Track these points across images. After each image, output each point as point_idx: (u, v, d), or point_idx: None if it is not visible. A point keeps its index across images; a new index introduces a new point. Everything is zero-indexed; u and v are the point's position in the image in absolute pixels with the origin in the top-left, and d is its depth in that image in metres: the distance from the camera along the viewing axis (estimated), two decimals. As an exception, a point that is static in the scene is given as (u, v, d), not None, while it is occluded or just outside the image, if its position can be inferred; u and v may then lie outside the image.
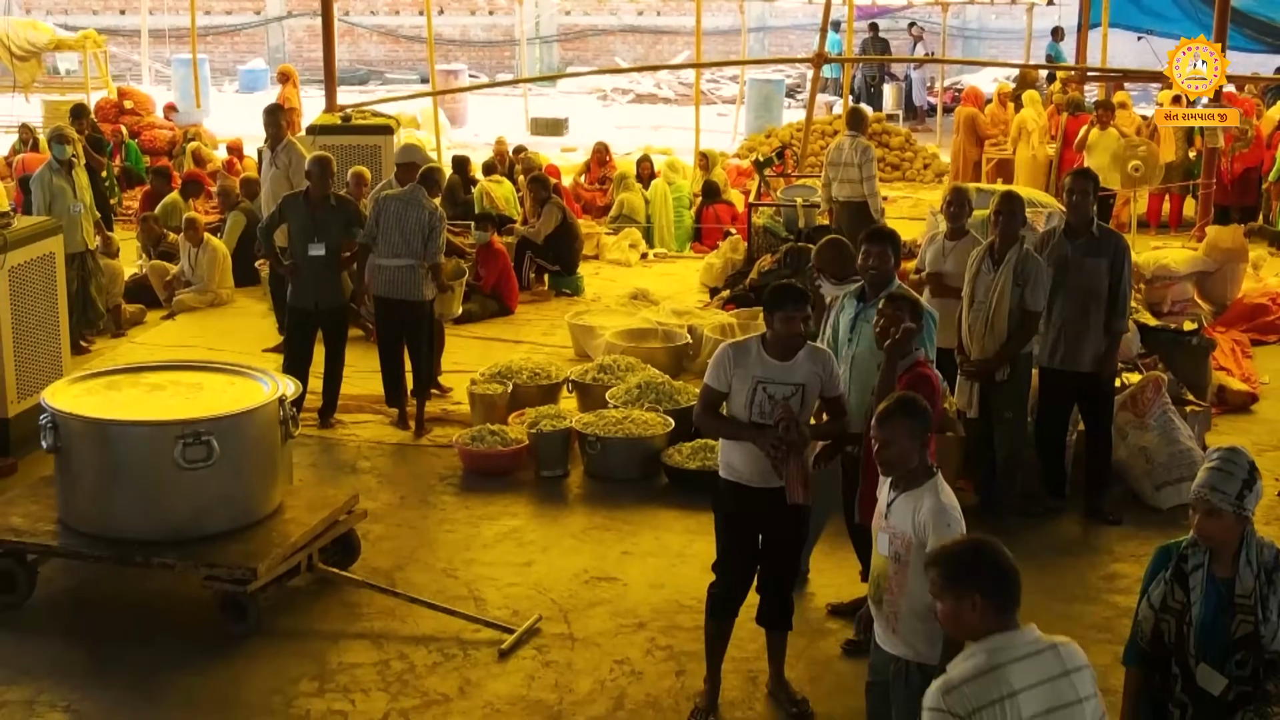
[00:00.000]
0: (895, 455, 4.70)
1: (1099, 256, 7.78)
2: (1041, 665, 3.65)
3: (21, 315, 8.64)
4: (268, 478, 6.99)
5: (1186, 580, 4.39)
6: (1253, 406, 9.86)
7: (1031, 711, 3.57)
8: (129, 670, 6.37)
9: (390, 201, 9.12)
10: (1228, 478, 4.29)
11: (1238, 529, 4.32)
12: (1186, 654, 4.37)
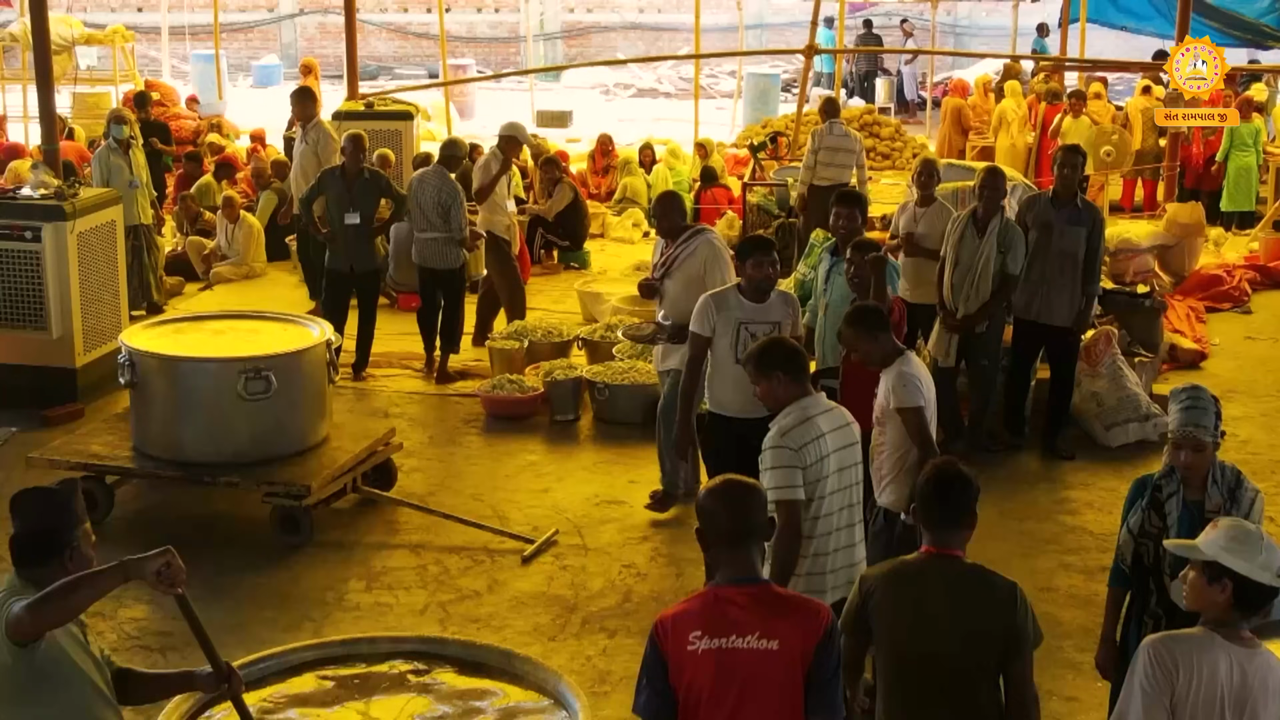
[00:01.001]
0: (863, 353, 5.78)
1: (1080, 225, 8.73)
2: (833, 417, 5.22)
3: (88, 277, 9.60)
4: (317, 410, 7.96)
5: (1162, 507, 4.85)
6: (1202, 364, 10.80)
7: (833, 446, 5.13)
8: (199, 573, 7.15)
9: (418, 180, 10.13)
10: (1203, 413, 4.76)
11: (1212, 454, 4.82)
12: (1163, 573, 4.80)
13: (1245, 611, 3.82)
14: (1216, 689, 3.71)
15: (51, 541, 3.83)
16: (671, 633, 3.64)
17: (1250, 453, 9.06)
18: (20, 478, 8.39)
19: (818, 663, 3.59)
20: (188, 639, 6.47)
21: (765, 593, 3.70)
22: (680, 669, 3.60)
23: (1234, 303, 12.36)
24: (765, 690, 3.57)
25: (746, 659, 3.57)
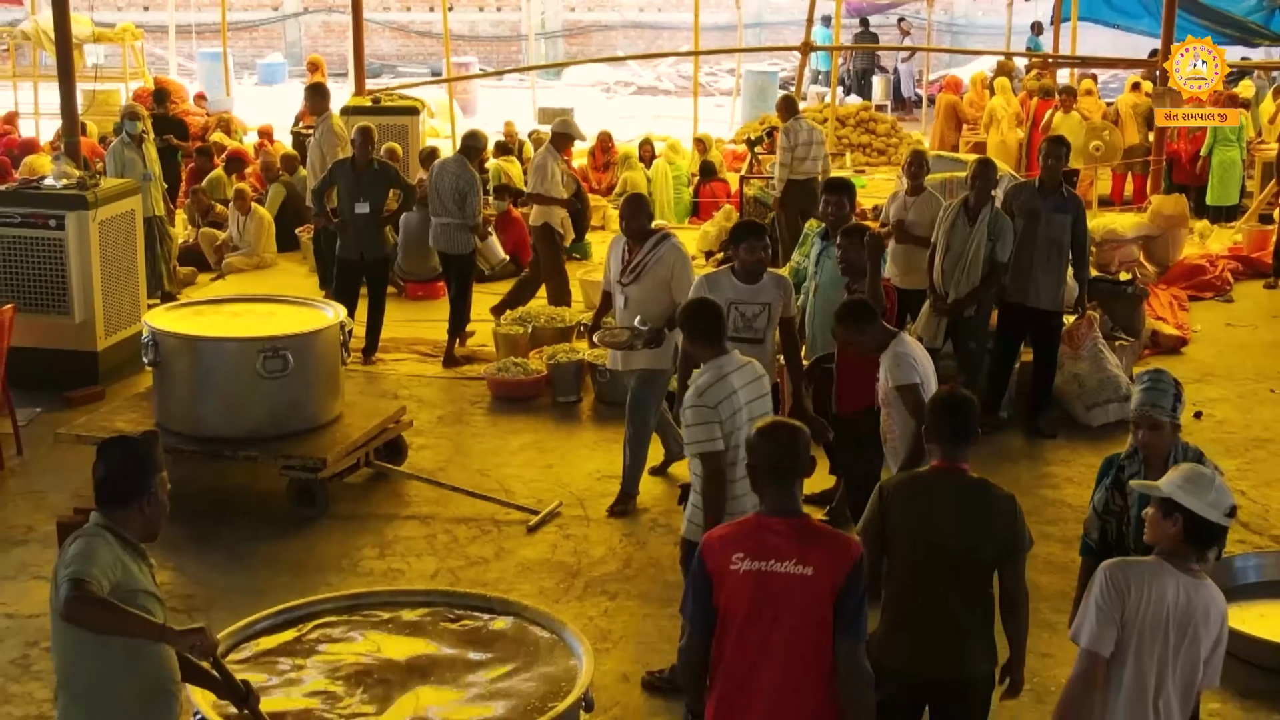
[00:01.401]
0: (858, 346, 6.17)
1: (1065, 213, 9.12)
2: (746, 373, 5.71)
3: (108, 263, 9.97)
4: (330, 389, 8.33)
5: (1124, 486, 5.07)
6: (1183, 349, 11.18)
7: (745, 399, 5.62)
8: (219, 542, 7.69)
9: (439, 167, 10.61)
10: (1162, 394, 5.04)
11: (1173, 437, 5.06)
12: (1126, 549, 4.99)
13: (1195, 546, 4.21)
14: (1164, 610, 4.11)
15: (132, 486, 4.21)
16: (718, 552, 4.06)
17: (1226, 432, 9.44)
18: (47, 453, 8.83)
19: (847, 589, 3.99)
20: (211, 600, 6.92)
21: (804, 524, 4.12)
22: (722, 585, 4.03)
23: (1216, 292, 12.73)
24: (798, 611, 4.00)
25: (784, 582, 4.00)
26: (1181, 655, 4.14)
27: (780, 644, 4.00)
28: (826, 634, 4.00)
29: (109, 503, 4.21)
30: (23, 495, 8.32)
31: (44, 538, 7.65)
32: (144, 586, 4.17)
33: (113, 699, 4.13)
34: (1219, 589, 4.31)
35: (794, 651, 4.00)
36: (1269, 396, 10.15)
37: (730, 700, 4.09)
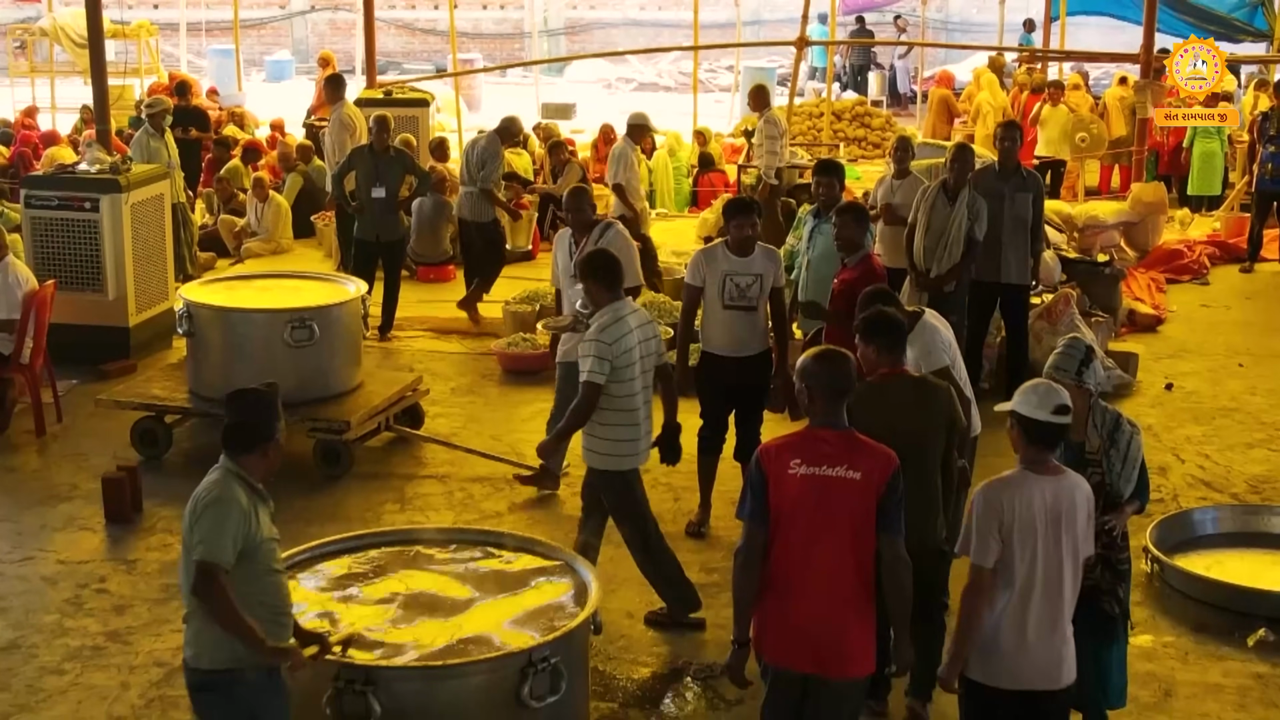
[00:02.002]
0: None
1: (1026, 191, 9.69)
2: (639, 316, 6.55)
3: (139, 244, 10.54)
4: (352, 358, 8.91)
5: None
6: (1159, 327, 11.75)
7: (639, 339, 6.41)
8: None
9: (471, 143, 11.68)
10: (1068, 359, 5.37)
11: (1082, 399, 5.31)
12: None
13: (1041, 446, 4.80)
14: (1033, 513, 4.72)
15: (258, 432, 4.70)
16: (775, 458, 4.70)
17: (1195, 402, 10.02)
18: (85, 420, 9.41)
19: (889, 490, 4.63)
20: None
21: (851, 437, 4.75)
22: (779, 487, 4.64)
23: (1193, 275, 13.31)
24: (847, 509, 4.63)
25: (835, 484, 4.62)
26: (1062, 542, 4.76)
27: (831, 538, 4.62)
28: (870, 529, 4.62)
29: (237, 449, 4.70)
30: (66, 457, 8.89)
31: (88, 494, 8.22)
32: (267, 534, 4.69)
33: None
34: (1079, 476, 4.95)
35: (842, 544, 4.62)
36: (1237, 370, 10.72)
37: (782, 587, 4.69)
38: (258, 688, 4.67)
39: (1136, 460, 5.45)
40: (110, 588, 7.17)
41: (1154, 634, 6.76)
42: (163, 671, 6.33)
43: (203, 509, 4.61)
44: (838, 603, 4.66)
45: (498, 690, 5.18)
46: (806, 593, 4.67)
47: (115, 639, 6.63)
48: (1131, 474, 5.43)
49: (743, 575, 4.75)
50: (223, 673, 4.63)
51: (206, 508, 4.60)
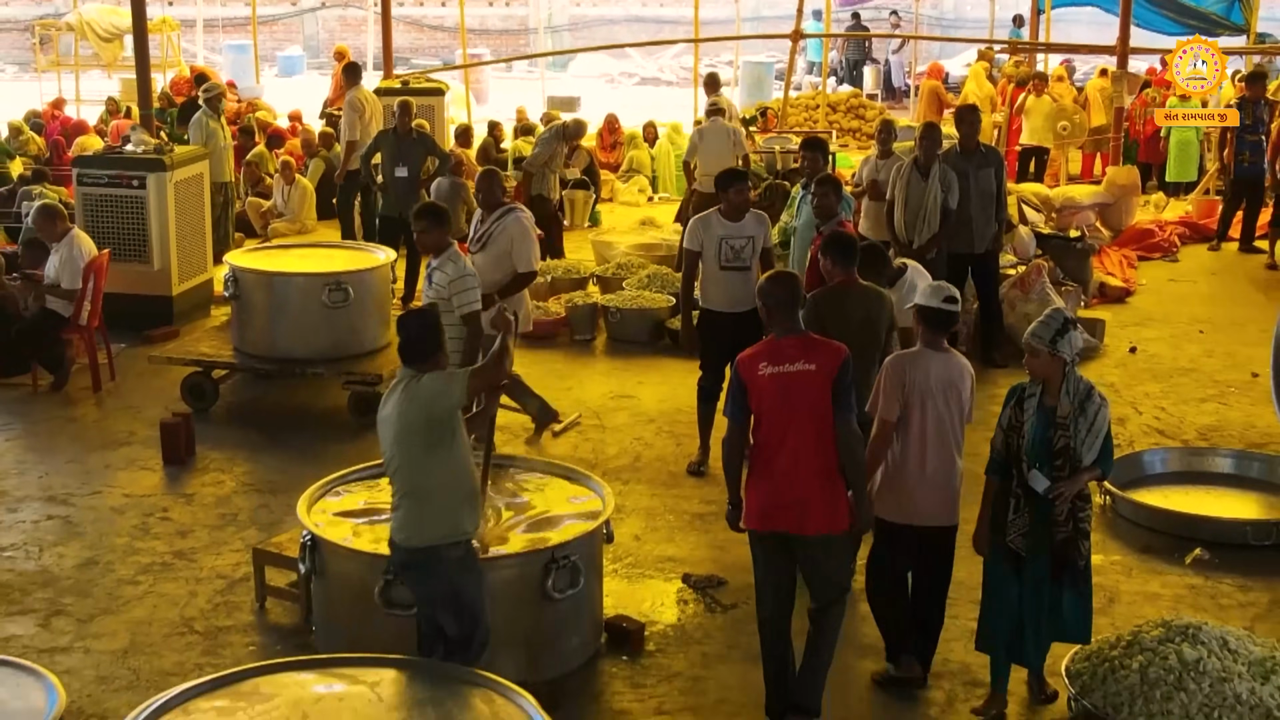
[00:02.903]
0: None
1: (989, 166, 10.53)
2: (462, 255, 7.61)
3: (182, 219, 11.38)
4: (382, 318, 9.77)
5: (1022, 407, 5.82)
6: (1128, 299, 12.60)
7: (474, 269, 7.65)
8: (293, 444, 9.09)
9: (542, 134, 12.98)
10: (1045, 327, 5.71)
11: (1056, 366, 5.67)
12: (1021, 461, 5.75)
13: (935, 329, 5.94)
14: (930, 380, 5.86)
15: (429, 345, 5.52)
16: (748, 364, 5.63)
17: (1156, 363, 10.86)
18: (136, 379, 10.26)
19: (839, 378, 5.53)
20: (289, 485, 8.25)
21: (807, 338, 5.68)
22: (753, 387, 5.58)
23: (1163, 252, 14.16)
24: (808, 396, 5.54)
25: (796, 377, 5.55)
26: (951, 405, 5.93)
27: (797, 421, 5.53)
28: (828, 410, 5.52)
29: (413, 361, 5.51)
30: (121, 409, 9.74)
31: (145, 440, 9.07)
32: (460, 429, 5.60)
33: (447, 499, 5.49)
34: (964, 359, 6.15)
35: (806, 425, 5.53)
36: (1198, 336, 11.57)
37: (763, 467, 5.60)
38: (457, 562, 5.52)
39: (1101, 430, 5.74)
40: (172, 516, 8.02)
41: (1103, 554, 7.58)
42: (225, 583, 7.18)
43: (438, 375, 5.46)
44: (807, 474, 5.55)
45: (526, 582, 6.06)
46: (782, 469, 5.56)
47: (181, 557, 7.48)
48: (1095, 442, 5.72)
49: (729, 455, 5.75)
50: (428, 549, 5.46)
51: (437, 374, 5.46)
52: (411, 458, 5.44)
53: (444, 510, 5.46)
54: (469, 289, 7.49)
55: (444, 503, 5.46)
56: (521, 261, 8.53)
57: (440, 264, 7.61)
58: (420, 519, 5.45)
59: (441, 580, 5.50)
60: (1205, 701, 5.66)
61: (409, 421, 5.39)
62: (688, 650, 6.54)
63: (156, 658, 6.43)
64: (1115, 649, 6.04)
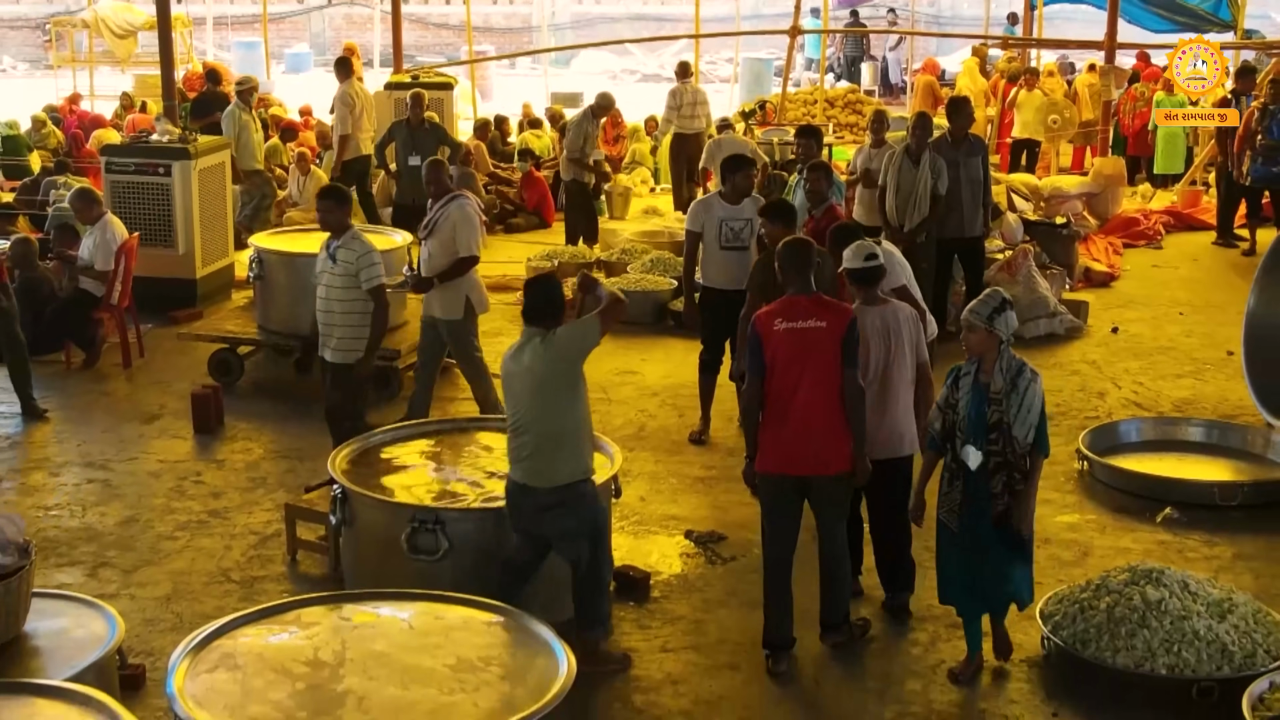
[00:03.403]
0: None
1: (976, 155, 11.04)
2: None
3: (205, 205, 11.89)
4: (399, 298, 10.19)
5: (958, 384, 6.01)
6: (1112, 283, 13.12)
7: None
8: (315, 415, 9.41)
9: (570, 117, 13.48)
10: (984, 305, 5.90)
11: (992, 342, 5.86)
12: (955, 437, 6.01)
13: (860, 284, 6.54)
14: (872, 330, 6.46)
15: (554, 307, 6.23)
16: (765, 321, 6.20)
17: (1137, 342, 11.37)
18: (164, 356, 10.78)
19: (846, 336, 6.08)
20: (315, 453, 8.75)
21: (818, 298, 6.24)
22: (769, 341, 6.14)
23: (1148, 240, 14.67)
24: (818, 351, 6.06)
25: (808, 333, 6.11)
26: (891, 349, 6.51)
27: (808, 374, 6.07)
28: (836, 365, 6.07)
29: (541, 320, 6.20)
30: (151, 384, 10.25)
31: (175, 412, 9.58)
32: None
33: (579, 440, 6.18)
34: (901, 303, 6.77)
35: (816, 378, 6.07)
36: (1177, 318, 12.08)
37: (777, 417, 6.15)
38: (592, 496, 6.22)
39: (1033, 405, 5.91)
40: (205, 480, 8.53)
41: (1079, 514, 8.11)
42: (258, 538, 7.69)
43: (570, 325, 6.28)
44: (818, 422, 6.10)
45: (540, 530, 6.55)
46: (795, 417, 6.10)
47: (215, 515, 7.99)
48: (1028, 417, 5.89)
49: (748, 405, 6.33)
50: (569, 487, 6.09)
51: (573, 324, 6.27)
52: (549, 405, 6.10)
53: (578, 450, 6.15)
54: (374, 264, 7.91)
55: (577, 443, 6.14)
56: (463, 246, 8.79)
57: (344, 242, 7.94)
58: (558, 460, 6.08)
59: (583, 514, 6.16)
60: (1166, 637, 6.17)
61: (553, 371, 6.10)
62: (690, 597, 7.04)
63: (197, 603, 6.93)
64: (1085, 592, 6.55)
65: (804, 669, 6.34)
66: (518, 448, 6.15)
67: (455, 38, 32.57)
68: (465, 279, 8.85)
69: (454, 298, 8.85)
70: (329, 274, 7.98)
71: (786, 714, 6.09)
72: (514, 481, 6.19)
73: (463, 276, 8.82)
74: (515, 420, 6.16)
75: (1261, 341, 9.48)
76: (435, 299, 8.91)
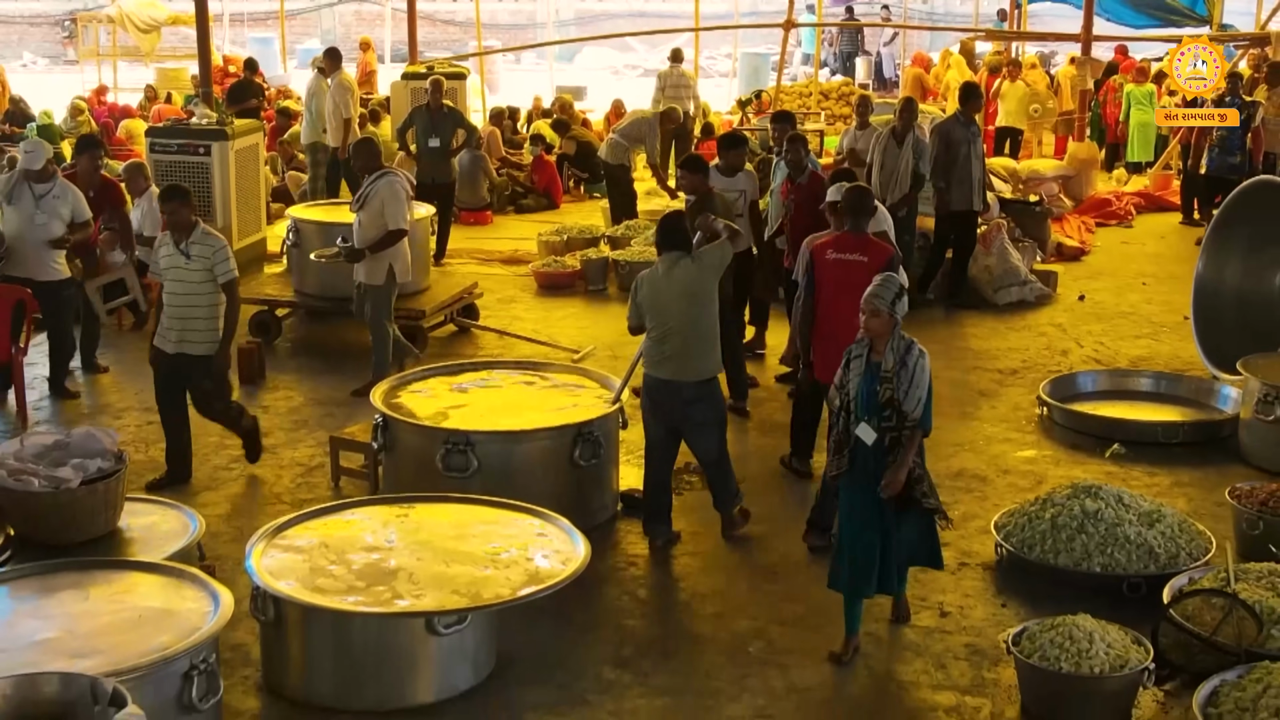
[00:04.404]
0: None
1: (979, 136, 12.05)
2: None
3: (240, 182, 12.85)
4: (424, 263, 11.26)
5: (849, 365, 6.27)
6: (1082, 258, 14.09)
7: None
8: (347, 370, 10.49)
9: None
10: (887, 290, 6.17)
11: (890, 325, 6.15)
12: (849, 413, 6.25)
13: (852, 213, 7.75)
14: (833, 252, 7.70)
15: (683, 235, 7.41)
16: (819, 250, 7.70)
17: (1100, 308, 12.35)
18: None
19: (885, 269, 7.08)
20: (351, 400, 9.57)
21: (865, 237, 7.68)
22: (820, 267, 7.62)
23: (1119, 219, 15.65)
24: (859, 279, 6.87)
25: (852, 265, 7.50)
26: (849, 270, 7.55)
27: (849, 297, 6.92)
28: None
29: (680, 246, 7.37)
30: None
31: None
32: None
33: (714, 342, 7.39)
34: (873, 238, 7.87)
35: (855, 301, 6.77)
36: (1140, 287, 13.05)
37: (825, 328, 7.58)
38: (720, 390, 7.52)
39: (922, 381, 6.17)
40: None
41: (1037, 450, 9.06)
42: (304, 469, 8.65)
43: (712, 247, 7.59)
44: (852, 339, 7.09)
45: (557, 453, 7.52)
46: (840, 334, 7.12)
47: (264, 451, 8.93)
48: (915, 391, 6.14)
49: (801, 317, 7.80)
50: (710, 380, 7.41)
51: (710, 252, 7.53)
52: (697, 310, 7.31)
53: (714, 349, 7.40)
54: (227, 259, 8.10)
55: (713, 343, 7.39)
56: (391, 220, 9.54)
57: (197, 239, 8.11)
58: (701, 358, 7.31)
59: (718, 404, 7.44)
60: (1101, 541, 7.13)
61: (702, 285, 7.35)
62: (688, 516, 7.98)
63: (255, 519, 7.85)
64: (1033, 506, 7.52)
65: (788, 569, 7.30)
66: (664, 351, 7.27)
67: (461, 34, 33.51)
68: (394, 249, 9.62)
69: (379, 266, 9.62)
70: (182, 269, 8.12)
71: (766, 603, 7.00)
72: (660, 380, 7.32)
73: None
74: (664, 328, 7.30)
75: (1208, 301, 10.48)
76: (362, 266, 9.70)
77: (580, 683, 6.20)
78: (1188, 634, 6.29)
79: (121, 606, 5.64)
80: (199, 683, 5.28)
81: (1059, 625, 6.09)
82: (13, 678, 4.74)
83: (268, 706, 6.04)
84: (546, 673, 6.27)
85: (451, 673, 5.98)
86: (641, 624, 6.80)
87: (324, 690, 5.94)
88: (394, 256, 9.69)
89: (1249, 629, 6.23)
